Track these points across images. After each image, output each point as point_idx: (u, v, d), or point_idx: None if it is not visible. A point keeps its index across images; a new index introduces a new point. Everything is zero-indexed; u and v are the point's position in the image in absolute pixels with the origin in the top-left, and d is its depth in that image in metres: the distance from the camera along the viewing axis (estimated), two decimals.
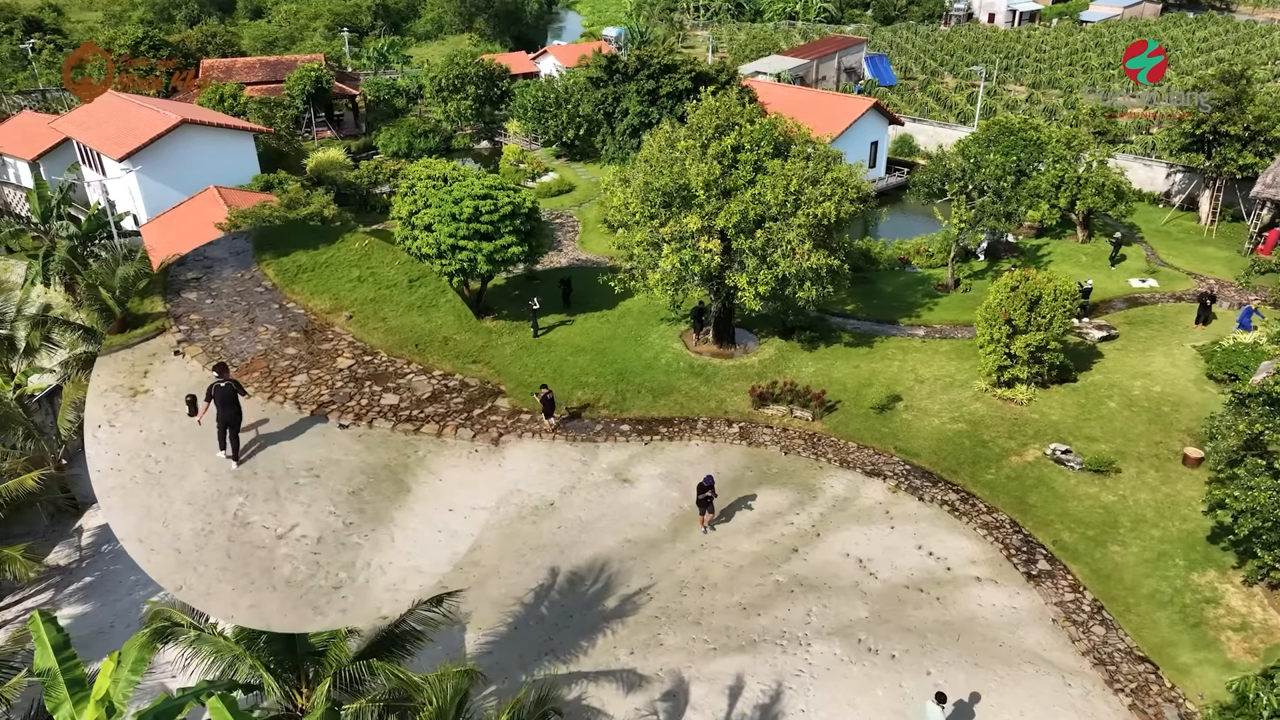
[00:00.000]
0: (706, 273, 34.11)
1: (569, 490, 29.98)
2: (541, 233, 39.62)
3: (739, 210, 32.13)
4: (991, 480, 29.58)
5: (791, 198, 32.15)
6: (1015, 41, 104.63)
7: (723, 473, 30.53)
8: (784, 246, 32.37)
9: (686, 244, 33.31)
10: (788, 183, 31.99)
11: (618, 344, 38.94)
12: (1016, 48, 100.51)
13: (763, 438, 32.32)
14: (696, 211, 32.98)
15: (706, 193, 32.64)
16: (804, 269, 32.33)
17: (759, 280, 32.77)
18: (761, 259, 32.96)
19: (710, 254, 32.80)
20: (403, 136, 68.14)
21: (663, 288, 34.19)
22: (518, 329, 40.59)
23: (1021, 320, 31.52)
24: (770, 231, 32.51)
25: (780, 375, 35.75)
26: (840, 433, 32.32)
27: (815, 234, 32.63)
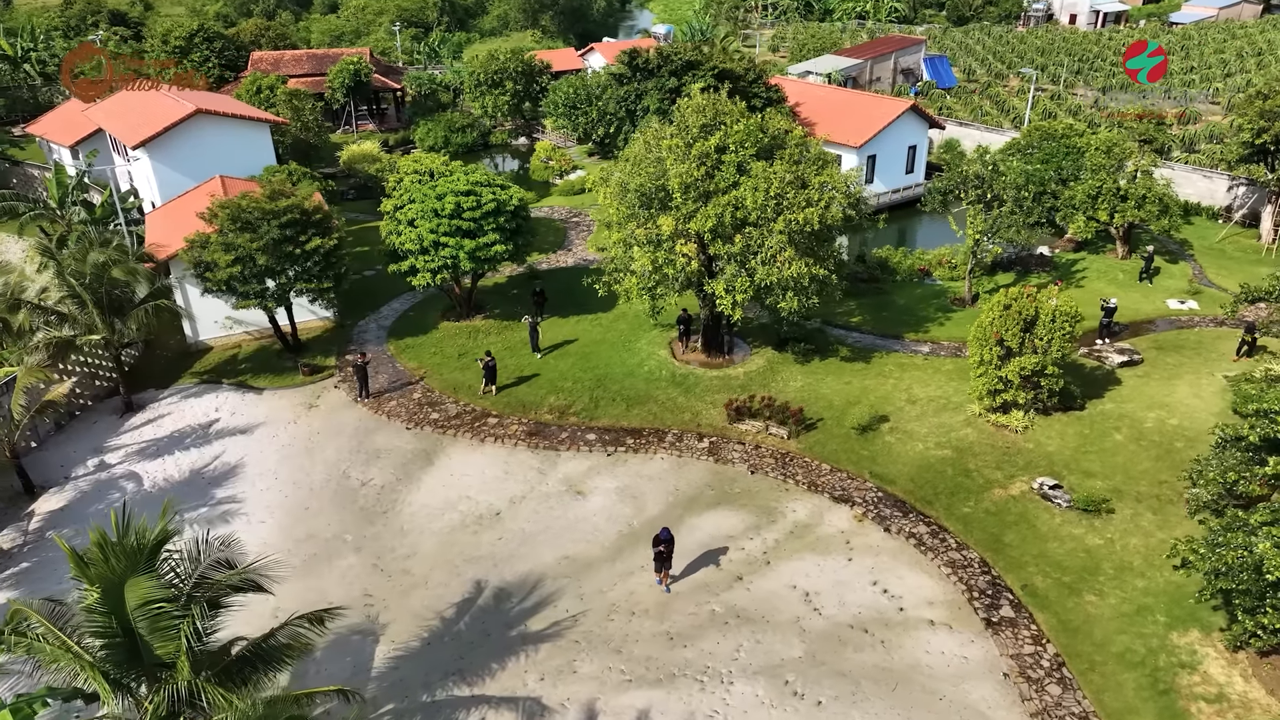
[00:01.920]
0: (684, 278, 32.52)
1: (519, 500, 28.82)
2: (530, 231, 38.57)
3: (715, 214, 30.44)
4: (968, 514, 27.28)
5: (772, 202, 30.31)
6: (1093, 44, 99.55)
7: (681, 489, 28.98)
8: (763, 253, 30.57)
9: (662, 247, 31.76)
10: (769, 186, 30.16)
11: (604, 348, 37.69)
12: (1093, 50, 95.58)
13: (732, 455, 30.60)
14: (672, 214, 31.39)
15: (684, 195, 31.04)
16: (785, 278, 30.47)
17: (737, 288, 31.03)
18: (741, 265, 31.22)
19: (685, 258, 31.19)
20: (440, 131, 67.86)
21: (637, 292, 32.72)
22: (507, 329, 39.73)
23: (1015, 342, 29.05)
24: (749, 237, 30.73)
25: (765, 388, 33.95)
26: (815, 453, 30.38)
27: (798, 241, 30.72)
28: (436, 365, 36.95)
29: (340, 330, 40.55)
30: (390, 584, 25.70)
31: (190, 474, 30.83)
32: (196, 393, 35.80)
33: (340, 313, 41.10)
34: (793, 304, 31.30)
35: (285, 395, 35.44)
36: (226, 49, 74.66)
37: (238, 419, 33.85)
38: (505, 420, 33.08)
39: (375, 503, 28.97)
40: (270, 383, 36.30)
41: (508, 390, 34.66)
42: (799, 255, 30.84)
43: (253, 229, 33.76)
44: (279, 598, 25.00)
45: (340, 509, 28.72)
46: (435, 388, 35.31)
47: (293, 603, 24.83)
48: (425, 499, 29.04)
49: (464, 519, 28.09)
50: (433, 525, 27.87)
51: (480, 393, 34.26)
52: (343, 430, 32.92)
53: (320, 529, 27.91)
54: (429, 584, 25.64)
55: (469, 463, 30.80)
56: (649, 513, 28.03)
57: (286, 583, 25.64)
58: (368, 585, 25.65)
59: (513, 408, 33.79)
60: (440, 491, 29.39)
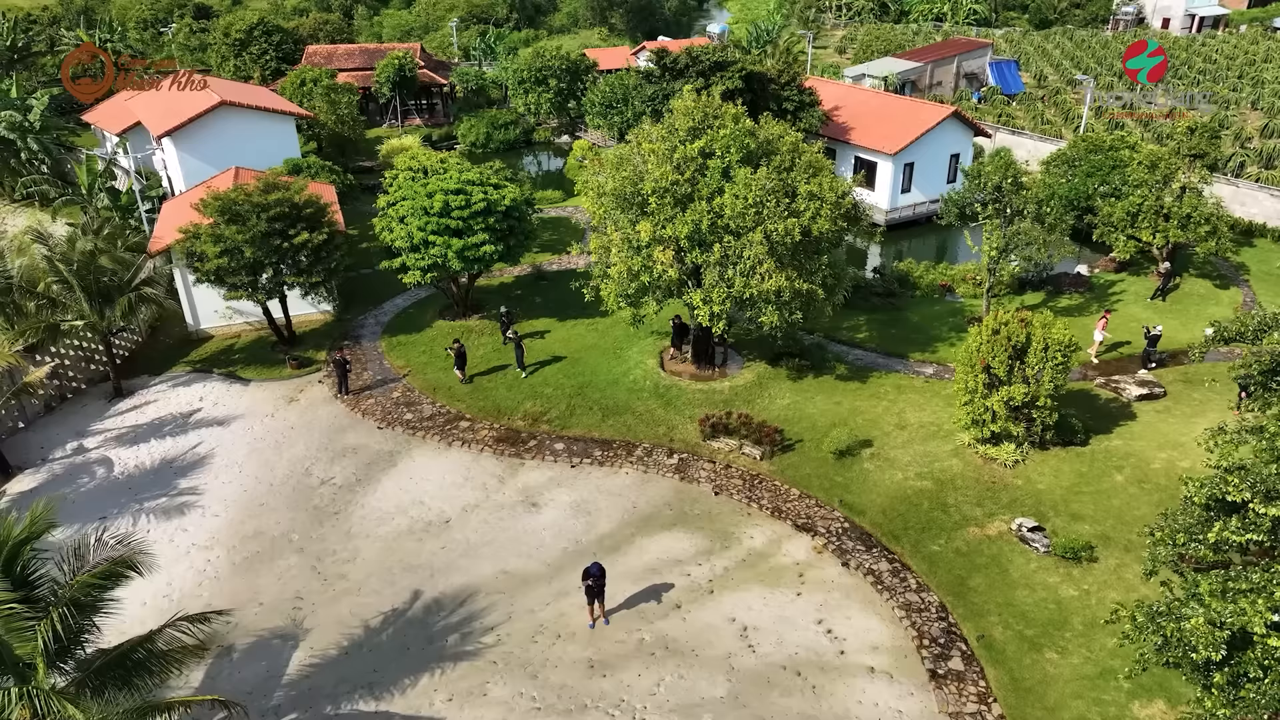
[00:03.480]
0: (663, 286, 31.34)
1: (471, 509, 28.11)
2: (524, 233, 37.87)
3: (692, 220, 29.18)
4: (936, 552, 25.46)
5: (751, 211, 28.90)
6: (1183, 49, 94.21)
7: (639, 507, 27.85)
8: (741, 264, 29.18)
9: (641, 253, 30.64)
10: (748, 194, 28.76)
11: (594, 355, 36.77)
12: (1181, 57, 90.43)
13: (699, 473, 29.33)
14: (649, 219, 30.24)
15: (660, 199, 29.88)
16: (764, 291, 29.03)
17: (714, 299, 29.72)
18: (720, 276, 29.88)
19: (662, 265, 30.01)
20: (482, 127, 67.78)
21: (614, 299, 31.67)
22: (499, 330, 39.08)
23: (1002, 370, 27.02)
24: (728, 246, 29.37)
25: (748, 405, 32.57)
26: (787, 476, 28.89)
27: (780, 253, 29.24)
28: (422, 364, 36.52)
29: (339, 324, 40.49)
30: (324, 588, 25.22)
31: (160, 463, 30.98)
32: (186, 381, 36.09)
33: (341, 307, 41.20)
34: (773, 318, 29.84)
35: (269, 388, 35.45)
36: (284, 42, 76.00)
37: (219, 409, 33.98)
38: (477, 424, 32.44)
39: (330, 502, 28.62)
40: (258, 374, 36.38)
41: (485, 391, 34.08)
42: (781, 268, 29.37)
43: (241, 221, 33.84)
44: (209, 595, 25.00)
45: (294, 507, 28.44)
46: (416, 387, 34.91)
47: (223, 601, 24.68)
48: (379, 502, 28.58)
49: (412, 525, 27.52)
50: (380, 530, 27.37)
51: (457, 378, 34.84)
52: (316, 426, 32.72)
53: (270, 526, 27.66)
54: (362, 591, 25.08)
55: (431, 467, 30.25)
56: (600, 530, 27.00)
57: (221, 580, 25.57)
58: (302, 587, 25.23)
59: (487, 411, 33.17)
60: (395, 495, 28.90)
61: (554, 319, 40.02)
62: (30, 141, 56.40)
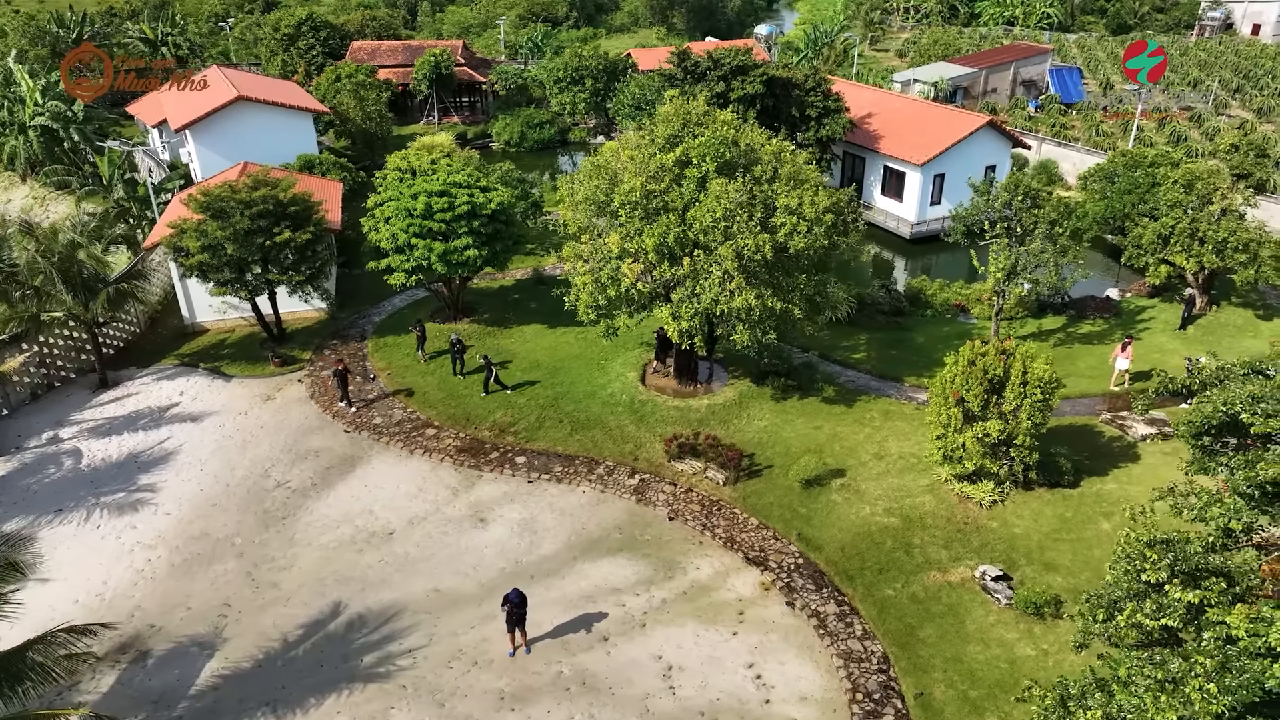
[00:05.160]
0: (637, 299, 30.23)
1: (418, 521, 27.50)
2: (510, 237, 37.22)
3: (659, 233, 28.02)
4: (889, 597, 23.85)
5: (721, 225, 27.61)
6: (1269, 58, 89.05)
7: (588, 529, 26.85)
8: (709, 280, 27.90)
9: (609, 264, 29.60)
10: (717, 207, 27.47)
11: (577, 365, 35.94)
12: (1266, 65, 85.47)
13: (658, 496, 28.20)
14: (619, 230, 29.17)
15: (630, 210, 28.80)
16: (734, 308, 27.72)
17: (683, 315, 28.53)
18: (690, 291, 28.66)
19: (629, 278, 28.91)
20: (517, 126, 67.46)
21: (584, 309, 30.73)
22: (491, 334, 38.63)
23: (977, 404, 25.20)
24: (697, 261, 28.12)
25: (723, 425, 31.34)
26: (748, 504, 27.56)
27: (751, 269, 27.88)
28: (403, 368, 36.13)
29: (331, 323, 40.46)
30: (254, 596, 24.81)
31: (127, 456, 31.11)
32: (170, 374, 36.32)
33: (335, 305, 41.14)
34: (744, 337, 28.53)
35: (250, 385, 35.46)
36: (331, 38, 76.85)
37: (196, 404, 34.09)
38: (443, 432, 31.89)
39: (280, 507, 28.32)
40: (241, 370, 36.47)
41: (459, 399, 33.55)
42: (752, 285, 28.02)
43: (225, 217, 33.81)
44: (141, 596, 24.80)
45: (245, 510, 28.21)
46: (392, 389, 34.55)
47: (155, 603, 24.61)
48: (328, 509, 28.17)
49: (355, 535, 27.00)
50: (322, 538, 26.91)
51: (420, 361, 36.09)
52: (286, 426, 32.56)
53: (217, 528, 27.44)
54: (290, 601, 24.58)
55: (388, 475, 29.75)
56: (542, 551, 26.08)
57: (157, 581, 25.37)
58: (233, 594, 24.86)
59: (456, 419, 32.61)
60: (346, 502, 28.47)
61: (545, 325, 39.28)
62: (73, 131, 58.11)
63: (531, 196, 47.70)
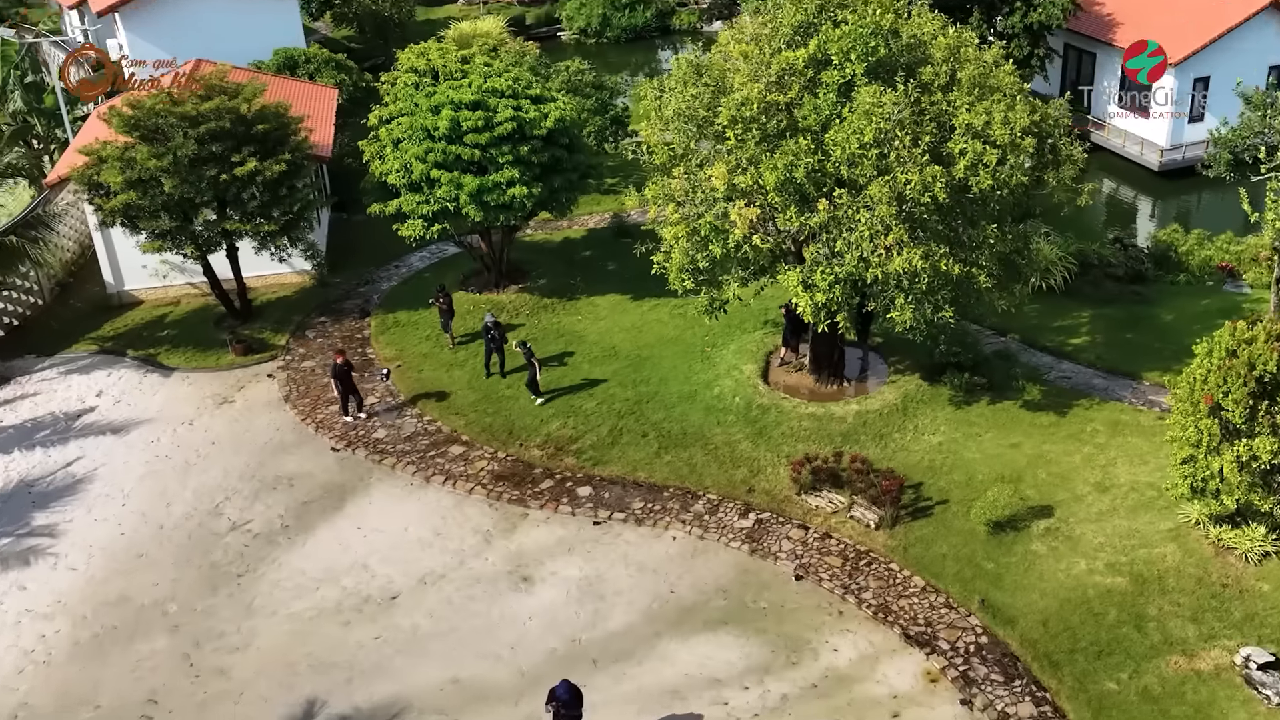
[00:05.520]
0: (749, 260, 30.90)
1: (434, 580, 28.30)
2: (576, 168, 38.14)
3: (784, 164, 28.53)
4: (1111, 694, 23.80)
5: (872, 152, 28.02)
6: None
7: (679, 593, 27.48)
8: (857, 232, 28.36)
9: (713, 208, 30.33)
10: (867, 127, 27.88)
11: (670, 354, 36.94)
12: None
13: (780, 544, 28.67)
14: (724, 159, 29.86)
15: (742, 131, 29.40)
16: (891, 273, 28.14)
17: (817, 283, 29.03)
18: (829, 249, 29.19)
19: (741, 229, 29.55)
20: (597, 6, 68.41)
21: (677, 272, 31.47)
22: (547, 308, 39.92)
23: (1239, 413, 25.04)
24: (838, 205, 28.60)
25: (878, 442, 31.72)
26: (911, 557, 27.85)
27: (918, 217, 28.22)
28: (420, 356, 37.51)
29: (319, 292, 42.08)
30: (192, 689, 25.48)
31: (17, 484, 32.45)
32: (86, 366, 38.09)
33: (324, 267, 42.59)
34: (906, 315, 28.84)
35: (198, 381, 37.00)
36: None
37: (120, 410, 35.57)
38: (473, 451, 32.79)
39: (236, 559, 29.25)
40: (187, 360, 38.09)
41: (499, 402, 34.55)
42: (919, 239, 28.34)
43: (162, 140, 35.13)
44: (29, 687, 25.54)
45: (185, 563, 29.21)
46: (402, 390, 35.72)
47: (44, 700, 25.33)
48: (304, 562, 29.07)
49: (342, 600, 27.80)
50: (295, 604, 27.71)
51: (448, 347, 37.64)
52: (249, 441, 33.80)
53: (142, 590, 28.33)
54: (244, 698, 25.23)
55: (393, 512, 30.64)
56: (610, 624, 26.60)
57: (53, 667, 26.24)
58: (162, 686, 25.59)
59: (493, 432, 33.50)
60: (331, 553, 29.36)
61: (628, 295, 40.20)
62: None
63: (612, 110, 48.59)
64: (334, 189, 47.30)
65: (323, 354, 37.93)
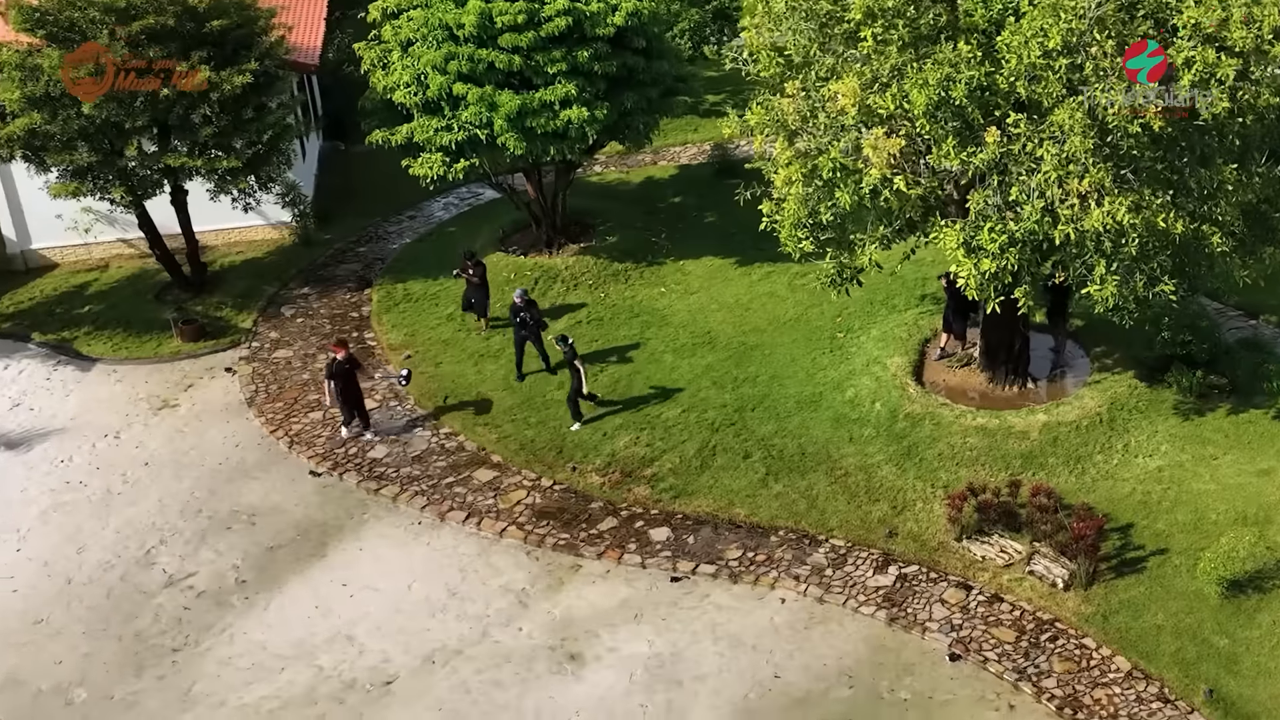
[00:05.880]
0: (890, 212, 32.03)
1: (446, 658, 29.28)
2: (658, 82, 39.39)
3: (938, 80, 29.70)
4: None
5: (1062, 62, 29.08)
6: None
7: (786, 678, 27.89)
8: (1040, 174, 29.47)
9: (841, 138, 31.54)
10: (1054, 27, 28.92)
11: (789, 339, 38.27)
12: None
13: (930, 611, 29.41)
14: (856, 71, 31.07)
15: (883, 30, 30.57)
16: (1088, 230, 29.20)
17: (983, 240, 30.15)
18: (1001, 196, 30.31)
19: (879, 169, 30.72)
20: None
21: (792, 231, 32.67)
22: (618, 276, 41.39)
23: None
24: (1013, 137, 29.72)
25: (1072, 466, 32.64)
26: (1113, 631, 28.27)
27: (1123, 152, 29.27)
28: (438, 344, 39.34)
29: (302, 253, 44.03)
30: None
31: None
32: None
33: (309, 217, 44.35)
34: (1109, 289, 29.81)
35: (130, 377, 38.87)
36: None
37: (18, 417, 37.40)
38: (508, 477, 34.00)
39: (171, 628, 30.18)
40: (116, 347, 39.95)
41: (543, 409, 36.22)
42: (1126, 185, 29.34)
43: (76, 42, 36.69)
44: None
45: (100, 633, 30.18)
46: (411, 391, 37.17)
47: None
48: (266, 633, 29.97)
49: (316, 686, 28.55)
50: (250, 693, 28.35)
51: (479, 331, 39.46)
52: (197, 462, 35.37)
53: (39, 671, 29.17)
54: None
55: (393, 562, 31.70)
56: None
57: None
58: None
59: (535, 452, 34.79)
60: (304, 619, 30.30)
61: (731, 259, 41.57)
62: None
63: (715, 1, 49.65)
64: (326, 109, 48.58)
65: (303, 340, 39.53)
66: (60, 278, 43.89)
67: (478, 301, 38.63)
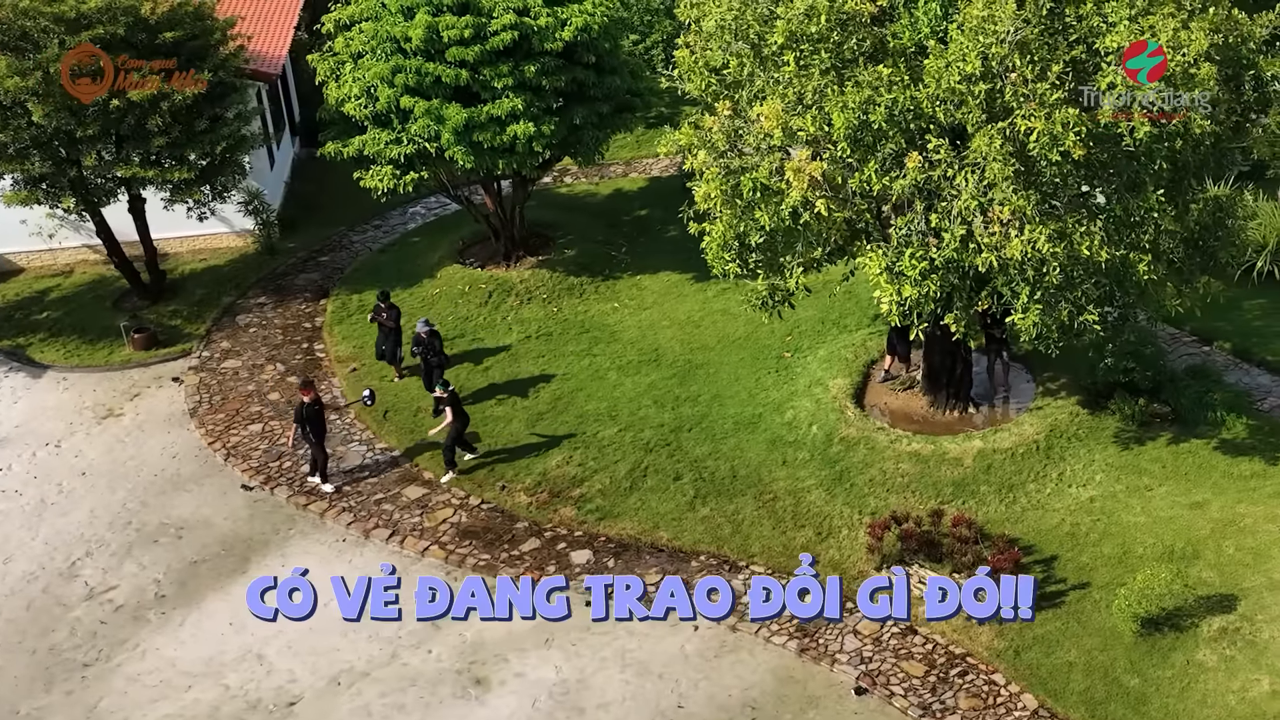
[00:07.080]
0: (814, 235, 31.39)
1: (353, 680, 29.15)
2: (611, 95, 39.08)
3: (859, 104, 29.00)
4: None
5: (982, 88, 28.36)
6: None
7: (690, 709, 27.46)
8: (961, 199, 28.74)
9: (764, 162, 30.87)
10: (970, 52, 28.23)
11: (735, 358, 38.03)
12: None
13: (842, 642, 29.13)
14: (778, 93, 30.42)
15: (808, 54, 29.93)
16: (1007, 258, 28.46)
17: (906, 268, 29.43)
18: (924, 221, 29.60)
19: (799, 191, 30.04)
20: None
21: (716, 251, 32.01)
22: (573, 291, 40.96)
23: None
24: (934, 163, 28.97)
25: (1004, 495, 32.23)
26: (1023, 667, 27.70)
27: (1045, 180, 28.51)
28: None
29: (266, 261, 43.77)
30: None
31: None
32: None
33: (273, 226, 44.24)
34: (1031, 318, 29.08)
35: (78, 385, 38.83)
36: None
37: None
38: (436, 495, 33.87)
39: (86, 642, 30.15)
40: (69, 355, 39.92)
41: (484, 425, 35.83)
42: (1049, 211, 28.58)
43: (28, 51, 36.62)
44: None
45: (15, 646, 30.19)
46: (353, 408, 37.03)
47: None
48: (178, 649, 29.92)
49: (219, 706, 28.46)
50: (153, 710, 28.37)
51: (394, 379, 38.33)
52: (133, 473, 35.28)
53: None
54: None
55: (313, 577, 31.24)
56: None
57: None
58: None
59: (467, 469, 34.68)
60: (218, 636, 30.22)
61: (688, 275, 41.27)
62: None
63: None
64: (303, 115, 48.39)
65: (253, 350, 39.32)
66: (24, 283, 43.98)
67: (388, 349, 37.92)
